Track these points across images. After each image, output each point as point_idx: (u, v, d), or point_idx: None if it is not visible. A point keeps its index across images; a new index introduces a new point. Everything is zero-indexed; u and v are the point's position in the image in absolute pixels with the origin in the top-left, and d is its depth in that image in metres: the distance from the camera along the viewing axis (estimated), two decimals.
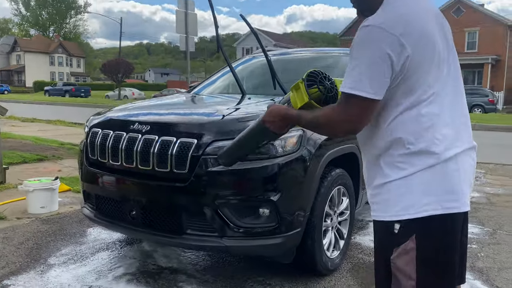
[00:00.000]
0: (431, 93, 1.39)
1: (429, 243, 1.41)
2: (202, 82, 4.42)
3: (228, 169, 2.41)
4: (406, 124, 1.40)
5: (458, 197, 1.40)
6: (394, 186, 1.43)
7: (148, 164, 2.57)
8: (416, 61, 1.35)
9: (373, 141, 1.50)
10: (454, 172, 1.40)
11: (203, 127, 2.54)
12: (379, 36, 1.32)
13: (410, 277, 1.42)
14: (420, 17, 1.39)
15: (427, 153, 1.38)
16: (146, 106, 3.34)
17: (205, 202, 2.45)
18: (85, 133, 3.12)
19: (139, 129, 2.68)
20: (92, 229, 3.81)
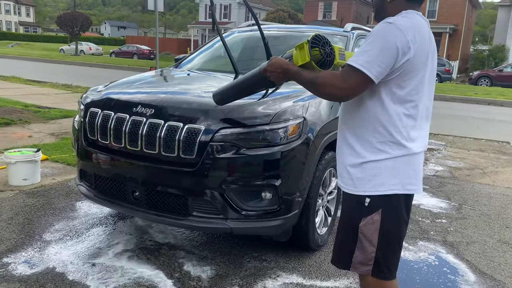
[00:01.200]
0: (416, 98, 1.72)
1: (392, 216, 1.77)
2: (189, 55, 4.38)
3: (235, 156, 2.52)
4: (392, 117, 1.71)
5: (416, 182, 1.78)
6: (369, 167, 1.76)
7: (154, 148, 2.62)
8: (413, 65, 1.65)
9: (357, 122, 1.78)
10: (417, 163, 1.78)
11: (211, 114, 2.60)
12: (396, 33, 1.61)
13: (372, 244, 1.78)
14: (424, 31, 1.70)
15: (401, 145, 1.73)
16: (145, 83, 3.31)
17: (211, 186, 2.55)
18: (80, 111, 3.09)
19: (143, 112, 2.69)
20: (81, 203, 3.83)
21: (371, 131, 1.75)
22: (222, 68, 3.91)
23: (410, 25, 1.63)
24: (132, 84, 3.21)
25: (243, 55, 4.13)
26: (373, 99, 1.72)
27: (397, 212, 1.79)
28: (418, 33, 1.64)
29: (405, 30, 1.61)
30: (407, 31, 1.61)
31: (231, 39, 4.34)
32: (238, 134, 2.55)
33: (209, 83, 3.42)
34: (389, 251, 1.82)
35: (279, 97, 2.87)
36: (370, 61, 1.61)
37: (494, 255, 3.29)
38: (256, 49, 4.12)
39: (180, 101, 2.76)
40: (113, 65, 25.38)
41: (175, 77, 3.58)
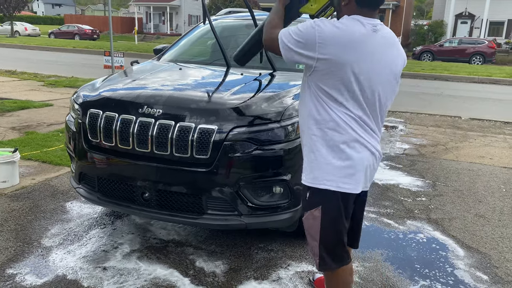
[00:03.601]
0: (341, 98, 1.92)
1: (330, 212, 1.92)
2: (171, 46, 4.28)
3: (249, 153, 2.56)
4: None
5: (352, 182, 1.88)
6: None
7: (166, 149, 2.60)
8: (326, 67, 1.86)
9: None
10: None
11: (222, 113, 2.61)
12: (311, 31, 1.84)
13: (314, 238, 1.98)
14: (350, 39, 1.84)
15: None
16: (143, 80, 3.20)
17: (226, 184, 2.58)
18: (76, 111, 2.97)
19: (150, 113, 2.65)
20: (71, 204, 3.71)
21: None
22: (211, 60, 3.88)
23: (331, 33, 1.75)
24: (129, 81, 3.12)
25: (227, 44, 4.11)
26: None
27: (335, 207, 1.93)
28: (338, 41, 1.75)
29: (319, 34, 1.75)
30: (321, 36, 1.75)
31: (223, 29, 4.28)
32: (251, 133, 2.58)
33: (207, 79, 3.40)
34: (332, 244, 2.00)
35: (281, 92, 2.92)
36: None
37: (475, 229, 3.60)
38: (240, 38, 4.11)
39: (188, 101, 2.74)
40: (56, 48, 24.00)
41: (169, 73, 3.51)
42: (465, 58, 25.09)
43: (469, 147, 6.44)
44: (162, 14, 43.13)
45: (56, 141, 5.50)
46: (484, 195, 4.40)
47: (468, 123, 8.44)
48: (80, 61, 18.34)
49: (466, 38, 28.09)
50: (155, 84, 3.11)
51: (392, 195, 4.29)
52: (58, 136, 5.76)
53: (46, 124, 6.48)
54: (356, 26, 1.78)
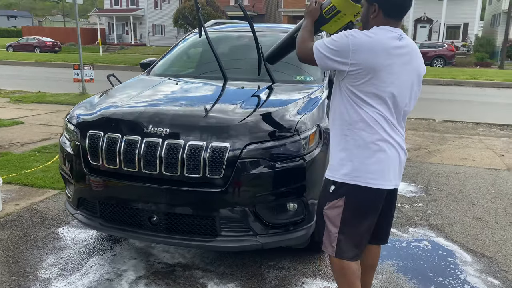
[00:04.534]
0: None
1: (353, 205, 2.01)
2: (160, 59, 4.14)
3: (264, 171, 2.48)
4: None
5: (381, 178, 1.97)
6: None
7: (176, 170, 2.47)
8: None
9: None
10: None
11: (234, 130, 2.51)
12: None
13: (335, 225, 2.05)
14: (379, 47, 1.99)
15: None
16: (141, 97, 3.05)
17: (242, 204, 2.49)
18: (72, 133, 2.80)
19: (156, 132, 2.52)
20: (63, 230, 3.50)
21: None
22: (205, 73, 3.77)
23: (363, 41, 1.90)
24: (127, 99, 2.97)
25: (220, 56, 4.01)
26: None
27: (360, 201, 2.02)
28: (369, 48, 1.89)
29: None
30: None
31: (197, 40, 4.18)
32: (265, 149, 2.50)
33: (208, 94, 3.29)
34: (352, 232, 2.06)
35: (289, 105, 2.85)
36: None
37: (475, 233, 3.64)
38: (232, 50, 4.03)
39: (196, 118, 2.63)
40: (16, 61, 23.12)
41: (167, 88, 3.37)
42: (427, 62, 25.90)
43: (450, 149, 6.59)
44: (125, 24, 42.41)
45: (35, 161, 5.22)
46: (476, 197, 4.48)
47: (443, 125, 8.67)
48: (43, 74, 17.72)
49: (427, 42, 29.12)
50: (155, 101, 2.98)
51: None
52: (35, 156, 5.47)
53: (20, 144, 6.15)
54: (385, 34, 1.94)
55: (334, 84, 2.13)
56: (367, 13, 2.03)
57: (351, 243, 2.06)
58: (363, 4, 2.06)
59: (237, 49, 3.91)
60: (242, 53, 3.84)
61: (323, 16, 2.18)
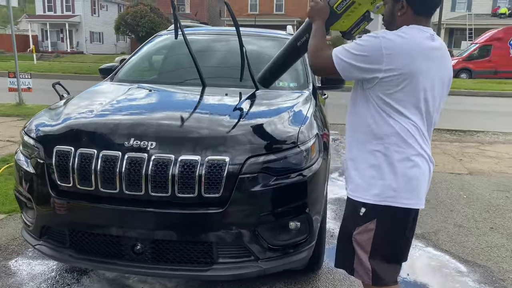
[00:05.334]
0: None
1: (385, 227, 1.79)
2: (124, 64, 3.72)
3: (267, 186, 2.21)
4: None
5: (415, 197, 1.77)
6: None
7: (165, 189, 2.13)
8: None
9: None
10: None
11: (232, 141, 2.21)
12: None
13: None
14: (416, 49, 1.78)
15: None
16: (115, 105, 2.65)
17: (243, 226, 2.19)
18: (32, 148, 2.36)
19: (140, 146, 2.16)
20: (15, 262, 2.98)
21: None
22: (180, 79, 3.42)
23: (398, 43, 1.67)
24: (99, 108, 2.57)
25: (189, 62, 3.68)
26: None
27: (392, 223, 1.81)
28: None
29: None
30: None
31: (168, 43, 3.85)
32: (268, 162, 2.23)
33: (192, 101, 2.94)
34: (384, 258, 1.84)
35: (284, 113, 2.60)
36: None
37: (462, 241, 3.57)
38: (207, 53, 3.71)
39: (187, 128, 2.30)
40: None
41: (141, 96, 2.98)
42: None
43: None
44: (60, 31, 40.18)
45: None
46: (451, 203, 4.47)
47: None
48: None
49: None
50: (133, 110, 2.60)
51: None
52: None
53: None
54: (419, 34, 1.72)
55: (355, 92, 1.87)
56: (392, 10, 1.79)
57: (387, 267, 1.84)
58: (386, 1, 1.82)
59: (214, 53, 3.61)
60: (219, 58, 3.55)
61: (334, 13, 1.91)
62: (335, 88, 3.58)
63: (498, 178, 5.46)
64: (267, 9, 36.27)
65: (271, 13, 35.94)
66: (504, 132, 8.88)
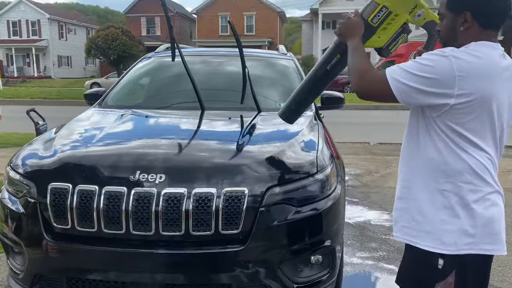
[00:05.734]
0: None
1: (465, 279, 1.56)
2: (112, 88, 3.49)
3: (290, 219, 2.03)
4: None
5: (496, 241, 1.56)
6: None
7: (178, 228, 1.91)
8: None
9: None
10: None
11: (250, 170, 2.03)
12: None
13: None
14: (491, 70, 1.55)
15: None
16: (113, 134, 2.42)
17: (266, 263, 2.00)
18: (21, 186, 2.10)
19: (148, 180, 1.95)
20: None
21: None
22: (176, 103, 3.21)
23: (473, 63, 1.44)
24: (94, 138, 2.33)
25: (186, 84, 3.48)
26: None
27: (473, 272, 1.58)
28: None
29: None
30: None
31: (159, 65, 3.65)
32: (288, 192, 2.05)
33: (194, 128, 2.72)
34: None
35: (297, 137, 2.44)
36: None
37: None
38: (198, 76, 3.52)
39: (198, 158, 2.10)
40: None
41: (138, 122, 2.76)
42: (339, 88, 27.27)
43: (387, 171, 6.55)
44: (26, 55, 39.19)
45: None
46: None
47: (379, 148, 8.82)
48: None
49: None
50: (134, 139, 2.38)
51: (371, 234, 4.02)
52: None
53: None
54: (493, 52, 1.49)
55: (413, 120, 1.60)
56: (453, 25, 1.54)
57: None
58: (443, 14, 1.57)
59: (210, 75, 3.44)
60: (216, 80, 3.38)
61: (369, 26, 1.70)
62: (335, 108, 3.46)
63: None
64: (238, 31, 36.40)
65: (242, 34, 36.23)
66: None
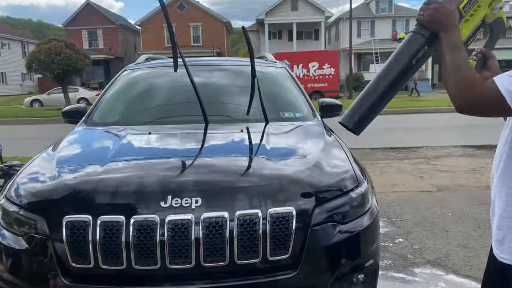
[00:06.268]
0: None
1: None
2: (98, 105, 3.15)
3: (341, 237, 1.88)
4: None
5: None
6: None
7: (222, 257, 1.69)
8: None
9: None
10: None
11: (295, 187, 1.85)
12: None
13: None
14: None
15: None
16: (121, 154, 2.14)
17: (318, 287, 1.82)
18: (25, 221, 1.79)
19: (182, 205, 1.71)
20: None
21: None
22: (176, 116, 2.94)
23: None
24: (103, 160, 2.04)
25: (174, 97, 3.24)
26: None
27: None
28: None
29: None
30: None
31: (151, 76, 3.38)
32: (335, 208, 1.89)
33: (209, 143, 2.48)
34: None
35: (324, 147, 2.30)
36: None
37: (477, 263, 3.45)
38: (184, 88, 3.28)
39: (233, 177, 1.88)
40: None
41: (146, 141, 2.47)
42: None
43: (372, 176, 6.62)
44: None
45: None
46: (442, 222, 4.42)
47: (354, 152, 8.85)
48: None
49: None
50: (150, 159, 2.11)
51: None
52: None
53: None
54: None
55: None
56: None
57: None
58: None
59: (208, 86, 3.20)
60: (216, 90, 3.15)
61: (460, 16, 1.47)
62: (333, 116, 3.35)
63: (465, 192, 5.57)
64: (185, 41, 36.09)
65: (189, 44, 35.80)
66: (441, 146, 9.32)
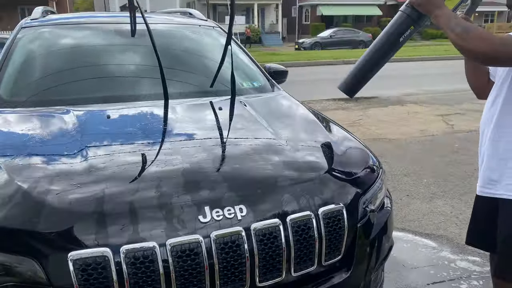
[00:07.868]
0: None
1: None
2: None
3: (381, 229, 1.77)
4: None
5: None
6: None
7: (278, 272, 1.44)
8: None
9: None
10: None
11: (336, 178, 1.67)
12: None
13: None
14: None
15: None
16: (154, 162, 1.64)
17: (369, 283, 1.72)
18: (10, 263, 1.30)
19: (226, 217, 1.40)
20: None
21: None
22: (119, 91, 2.33)
23: None
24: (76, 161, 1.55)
25: (100, 59, 2.59)
26: None
27: None
28: None
29: None
30: None
31: (49, 41, 2.65)
32: (371, 199, 1.75)
33: (197, 124, 2.02)
34: None
35: (327, 124, 2.15)
36: None
37: None
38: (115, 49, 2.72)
39: (271, 175, 1.59)
40: None
41: (120, 127, 1.93)
42: None
43: (377, 123, 6.54)
44: None
45: None
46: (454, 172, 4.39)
47: (337, 104, 8.43)
48: None
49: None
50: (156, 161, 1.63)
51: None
52: None
53: None
54: None
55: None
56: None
57: None
58: None
59: (140, 51, 2.59)
60: (154, 58, 2.51)
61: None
62: (280, 83, 3.04)
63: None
64: None
65: None
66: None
